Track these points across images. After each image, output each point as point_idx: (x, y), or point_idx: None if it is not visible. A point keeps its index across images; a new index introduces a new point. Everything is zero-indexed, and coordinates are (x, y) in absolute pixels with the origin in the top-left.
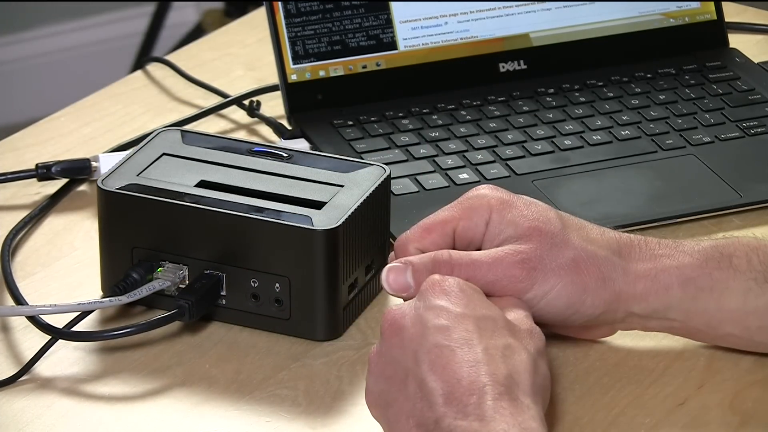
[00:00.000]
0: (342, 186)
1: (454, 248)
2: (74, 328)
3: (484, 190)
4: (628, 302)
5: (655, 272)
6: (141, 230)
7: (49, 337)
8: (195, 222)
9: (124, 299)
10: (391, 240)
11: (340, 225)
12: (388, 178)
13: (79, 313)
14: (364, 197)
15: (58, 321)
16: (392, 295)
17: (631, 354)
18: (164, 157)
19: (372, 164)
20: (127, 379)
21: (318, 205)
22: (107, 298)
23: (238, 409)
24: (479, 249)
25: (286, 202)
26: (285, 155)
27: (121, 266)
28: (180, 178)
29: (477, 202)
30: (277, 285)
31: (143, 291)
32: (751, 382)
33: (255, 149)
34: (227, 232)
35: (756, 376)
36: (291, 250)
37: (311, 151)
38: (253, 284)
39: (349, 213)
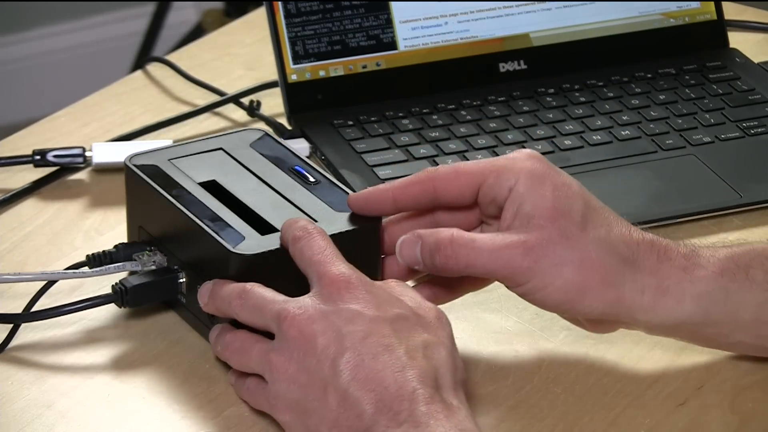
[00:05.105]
0: (320, 221)
1: (475, 204)
2: (44, 301)
3: (521, 156)
4: (632, 309)
5: (667, 284)
6: (143, 211)
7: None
8: (170, 216)
9: (89, 273)
10: None
11: (257, 254)
12: (376, 230)
13: (45, 282)
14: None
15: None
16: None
17: (631, 354)
18: (218, 152)
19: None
20: (128, 380)
21: (271, 230)
22: (71, 270)
23: (238, 409)
24: (501, 209)
25: (247, 221)
26: (312, 180)
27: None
28: (195, 173)
29: (508, 165)
30: None
31: (111, 269)
32: (751, 383)
33: (296, 167)
34: (185, 233)
35: (756, 376)
36: (218, 265)
37: (341, 185)
38: (198, 289)
39: (280, 245)
